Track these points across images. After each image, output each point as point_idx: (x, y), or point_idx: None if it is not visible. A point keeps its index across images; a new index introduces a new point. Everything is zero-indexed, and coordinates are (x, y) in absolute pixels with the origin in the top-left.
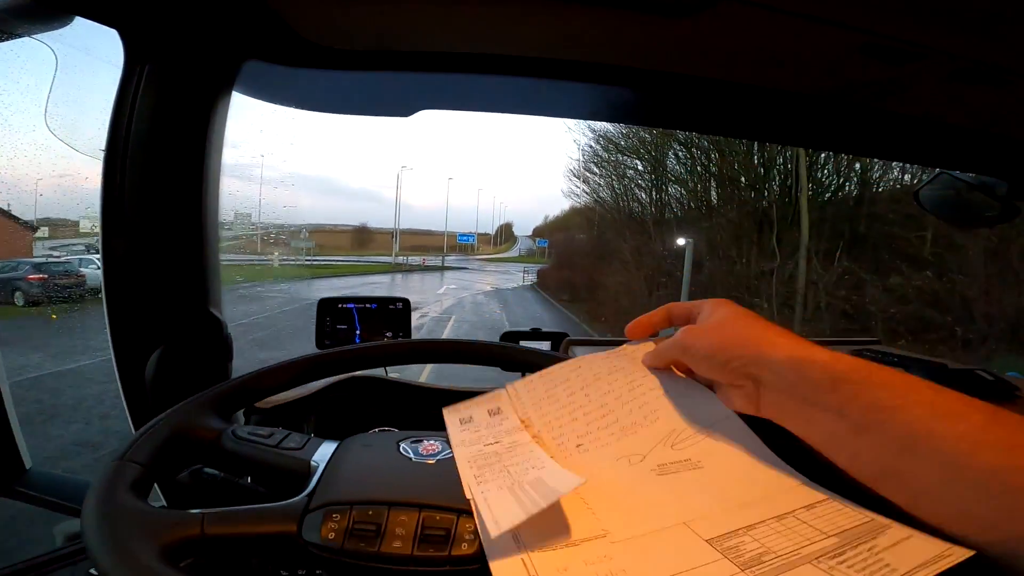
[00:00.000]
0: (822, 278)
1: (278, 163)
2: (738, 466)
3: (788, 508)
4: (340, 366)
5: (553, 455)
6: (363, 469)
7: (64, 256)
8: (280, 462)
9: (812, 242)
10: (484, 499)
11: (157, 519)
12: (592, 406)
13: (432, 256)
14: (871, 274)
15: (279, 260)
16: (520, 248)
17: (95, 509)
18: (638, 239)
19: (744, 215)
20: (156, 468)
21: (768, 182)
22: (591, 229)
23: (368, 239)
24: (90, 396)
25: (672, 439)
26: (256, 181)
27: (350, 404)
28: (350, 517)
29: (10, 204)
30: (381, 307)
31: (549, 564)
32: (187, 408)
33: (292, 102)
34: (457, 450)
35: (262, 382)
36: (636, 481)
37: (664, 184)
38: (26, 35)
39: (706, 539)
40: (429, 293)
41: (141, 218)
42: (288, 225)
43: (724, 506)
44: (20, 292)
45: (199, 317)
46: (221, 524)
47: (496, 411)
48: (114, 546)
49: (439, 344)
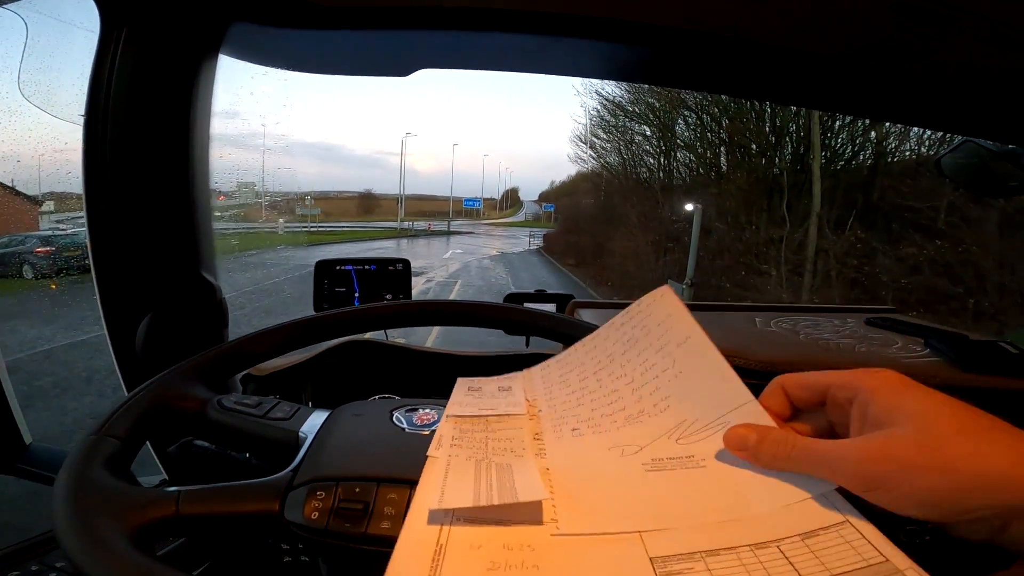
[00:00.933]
0: (833, 246)
1: (282, 131)
2: (743, 471)
3: (776, 535)
4: (335, 329)
5: (546, 435)
6: (352, 441)
7: (70, 228)
8: (267, 433)
9: (824, 210)
10: (445, 463)
11: (129, 499)
12: (602, 391)
13: (438, 221)
14: (883, 243)
15: (284, 227)
16: (526, 213)
17: (64, 488)
18: (645, 204)
19: (754, 181)
20: (135, 442)
21: (780, 148)
22: (598, 194)
23: (374, 205)
24: (102, 368)
25: (679, 432)
26: (259, 151)
27: (350, 371)
28: (335, 495)
29: (13, 179)
30: (380, 269)
31: (464, 538)
32: (168, 378)
33: (284, 64)
34: (450, 408)
35: (247, 348)
36: (618, 474)
37: (673, 150)
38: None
39: (651, 556)
40: (435, 258)
41: (125, 183)
42: (293, 193)
43: (700, 519)
44: (29, 265)
45: (191, 281)
46: (197, 503)
47: (507, 388)
48: (81, 528)
49: (442, 305)
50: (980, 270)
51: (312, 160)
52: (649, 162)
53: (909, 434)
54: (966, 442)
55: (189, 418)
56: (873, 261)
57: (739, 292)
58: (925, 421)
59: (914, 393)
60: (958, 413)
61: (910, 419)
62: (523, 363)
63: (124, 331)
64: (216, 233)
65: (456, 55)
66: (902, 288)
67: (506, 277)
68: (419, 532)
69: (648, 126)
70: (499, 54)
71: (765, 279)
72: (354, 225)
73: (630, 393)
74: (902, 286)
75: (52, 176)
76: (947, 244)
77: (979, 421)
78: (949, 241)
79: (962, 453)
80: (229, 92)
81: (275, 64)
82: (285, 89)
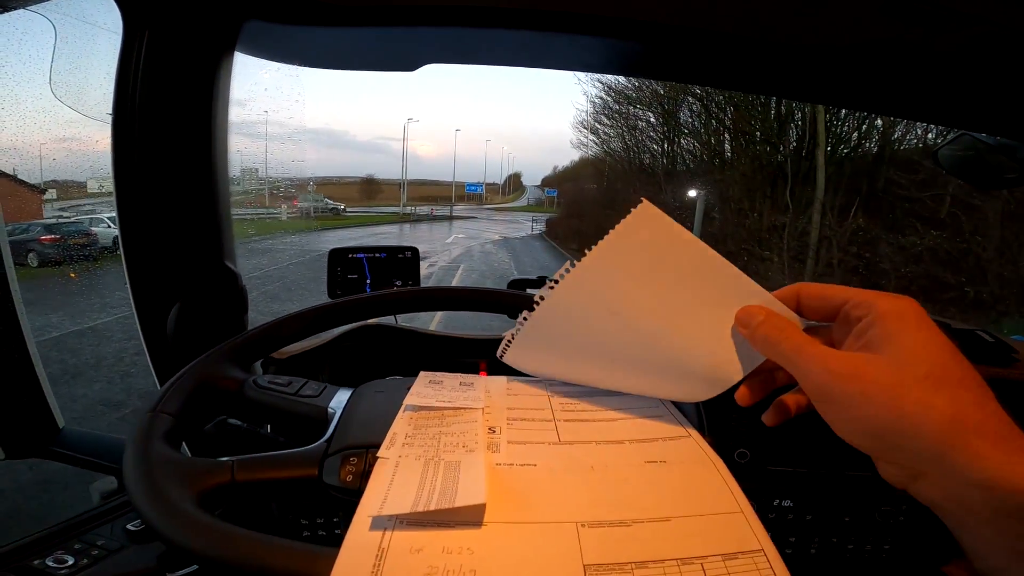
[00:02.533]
0: (836, 234)
1: (284, 119)
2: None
3: (701, 552)
4: (355, 313)
5: (500, 430)
6: (377, 414)
7: (74, 216)
8: (299, 409)
9: (827, 197)
10: (394, 465)
11: (192, 468)
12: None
13: (440, 206)
14: (886, 231)
15: (287, 213)
16: (529, 198)
17: (134, 460)
18: (649, 190)
19: (758, 168)
20: (185, 418)
21: (784, 136)
22: (601, 179)
23: (376, 190)
24: (109, 354)
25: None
26: (262, 138)
27: (362, 353)
28: (366, 460)
29: (16, 169)
30: (390, 256)
31: (405, 543)
32: (210, 359)
33: (296, 60)
34: (409, 398)
35: (281, 331)
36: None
37: (676, 136)
38: (21, 7)
39: (585, 563)
40: (438, 243)
41: (153, 179)
42: (295, 179)
43: (634, 530)
44: (34, 253)
45: (215, 270)
46: (249, 470)
47: (468, 384)
48: (156, 495)
49: (453, 291)
50: (981, 260)
51: (316, 146)
52: (653, 148)
53: (883, 364)
54: (923, 389)
55: (229, 396)
56: (876, 249)
57: None
58: (904, 357)
59: (917, 326)
60: (937, 359)
61: (894, 351)
62: None
63: (154, 318)
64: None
65: (462, 51)
66: (903, 276)
67: (508, 262)
68: (361, 537)
69: (652, 112)
70: (504, 50)
71: (767, 265)
72: (357, 210)
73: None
74: (903, 274)
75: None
76: (949, 233)
77: (951, 372)
78: (951, 230)
79: (915, 398)
80: (243, 88)
81: (288, 60)
82: (298, 85)
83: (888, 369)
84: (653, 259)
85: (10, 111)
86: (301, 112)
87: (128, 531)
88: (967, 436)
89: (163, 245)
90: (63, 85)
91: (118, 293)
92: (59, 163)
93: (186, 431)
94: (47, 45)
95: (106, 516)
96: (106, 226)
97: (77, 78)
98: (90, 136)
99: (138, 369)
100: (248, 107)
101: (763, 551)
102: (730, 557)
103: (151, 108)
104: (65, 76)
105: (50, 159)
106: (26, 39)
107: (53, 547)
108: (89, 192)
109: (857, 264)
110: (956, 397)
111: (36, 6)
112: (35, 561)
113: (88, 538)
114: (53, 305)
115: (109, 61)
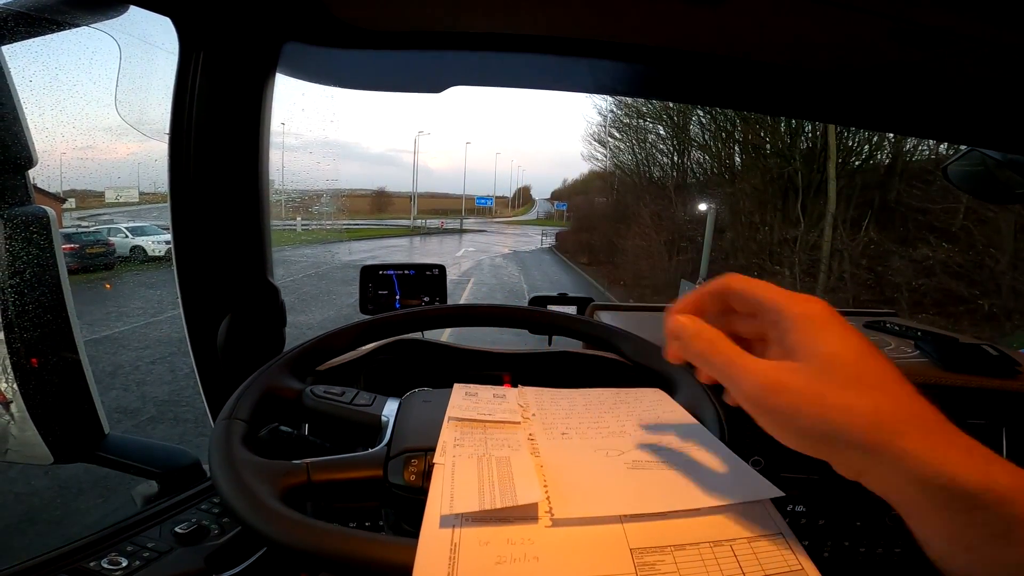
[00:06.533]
0: (847, 247)
1: (301, 131)
2: (707, 470)
3: (730, 535)
4: (401, 327)
5: (538, 437)
6: (428, 420)
7: (92, 226)
8: (354, 417)
9: (839, 210)
10: (451, 467)
11: (273, 469)
12: (588, 414)
13: (450, 219)
14: (898, 244)
15: (301, 225)
16: (538, 211)
17: (222, 462)
18: (659, 203)
19: (769, 181)
20: (256, 424)
21: (795, 148)
22: (611, 193)
23: (387, 203)
24: (126, 363)
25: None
26: (278, 148)
27: (393, 365)
28: (426, 461)
29: (34, 178)
30: (419, 273)
31: (474, 537)
32: (273, 370)
33: (330, 81)
34: (450, 411)
35: (334, 343)
36: (604, 470)
37: (687, 149)
38: (85, 24)
39: (631, 547)
40: (448, 256)
41: (205, 196)
42: (307, 191)
43: (671, 520)
44: None
45: (259, 285)
46: (323, 471)
47: (501, 396)
48: (245, 494)
49: (481, 308)
50: (994, 272)
51: (327, 158)
52: (663, 161)
53: (807, 373)
54: (849, 394)
55: (288, 405)
56: (888, 262)
57: None
58: (827, 364)
59: (832, 330)
60: (859, 362)
61: (816, 358)
62: (546, 360)
63: (203, 331)
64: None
65: (486, 74)
66: (915, 290)
67: (518, 276)
68: (435, 535)
69: (662, 126)
70: (525, 73)
71: (779, 279)
72: (368, 223)
73: (613, 420)
74: (916, 288)
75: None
76: (962, 246)
77: (873, 375)
78: (964, 243)
79: (840, 403)
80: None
81: (322, 81)
82: (332, 105)
83: (809, 378)
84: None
85: (41, 121)
86: (315, 126)
87: (176, 534)
88: (890, 436)
89: (214, 259)
90: (127, 105)
91: (135, 303)
92: (77, 172)
93: (254, 437)
94: (71, 57)
95: (152, 520)
96: (123, 236)
97: (139, 98)
98: (106, 145)
99: (153, 378)
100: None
101: (782, 534)
102: (755, 539)
103: (205, 126)
104: (128, 96)
105: (68, 168)
106: (49, 51)
107: (105, 549)
108: (107, 202)
109: (868, 277)
110: (874, 399)
111: (100, 24)
112: (91, 563)
113: (138, 540)
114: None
115: (166, 81)
